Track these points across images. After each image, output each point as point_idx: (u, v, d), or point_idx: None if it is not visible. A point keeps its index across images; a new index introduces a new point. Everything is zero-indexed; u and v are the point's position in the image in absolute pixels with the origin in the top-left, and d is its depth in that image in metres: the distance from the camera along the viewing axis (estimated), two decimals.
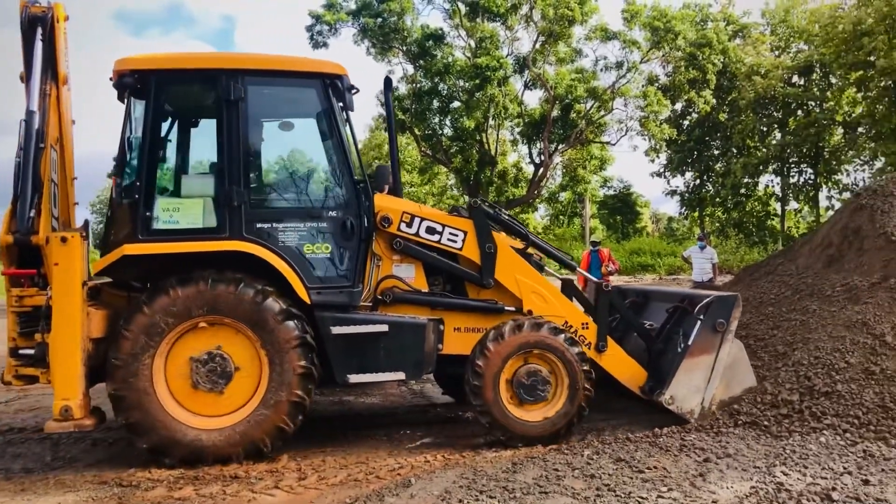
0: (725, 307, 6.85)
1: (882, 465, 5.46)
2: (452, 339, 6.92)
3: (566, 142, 34.14)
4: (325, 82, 6.55)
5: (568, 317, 7.16)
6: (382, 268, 6.82)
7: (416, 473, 5.74)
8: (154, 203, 6.21)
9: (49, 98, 6.41)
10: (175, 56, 6.56)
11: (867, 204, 8.88)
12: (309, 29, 32.70)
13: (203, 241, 6.14)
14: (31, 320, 6.03)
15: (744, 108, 34.80)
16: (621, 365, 7.23)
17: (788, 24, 35.83)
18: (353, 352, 6.44)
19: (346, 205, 6.58)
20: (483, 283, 7.00)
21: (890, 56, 26.12)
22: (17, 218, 6.05)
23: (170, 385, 6.07)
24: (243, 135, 6.31)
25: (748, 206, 39.06)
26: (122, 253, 6.01)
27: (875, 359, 6.72)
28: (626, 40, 32.02)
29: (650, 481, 5.31)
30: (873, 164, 32.43)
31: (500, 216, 7.32)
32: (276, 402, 6.11)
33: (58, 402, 5.71)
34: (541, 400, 6.67)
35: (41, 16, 6.41)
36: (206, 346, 6.11)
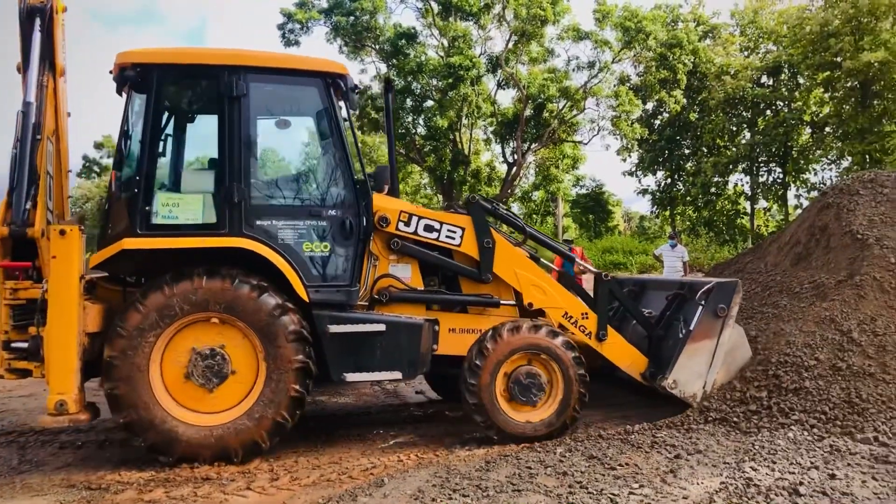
0: (726, 293, 6.99)
1: (848, 460, 5.56)
2: (447, 340, 6.96)
3: (539, 141, 34.24)
4: (326, 81, 6.59)
5: (567, 307, 7.24)
6: (379, 267, 6.86)
7: (390, 473, 5.74)
8: (153, 198, 6.18)
9: (46, 90, 6.36)
10: (178, 51, 6.54)
11: (833, 202, 9.02)
12: (281, 27, 32.46)
13: (203, 237, 6.13)
14: (25, 313, 5.96)
15: (714, 108, 35.15)
16: (621, 352, 7.34)
17: (757, 24, 36.24)
18: (350, 350, 6.46)
19: (345, 204, 6.60)
20: (482, 277, 7.06)
21: (856, 57, 26.52)
22: (13, 210, 5.99)
23: (164, 372, 6.03)
24: (244, 131, 6.31)
25: (718, 204, 39.44)
26: (122, 247, 5.97)
27: (842, 355, 6.82)
28: (597, 40, 32.17)
29: (622, 478, 5.35)
30: (840, 163, 32.97)
31: (497, 210, 7.40)
32: (271, 399, 6.09)
33: (53, 396, 5.65)
34: (534, 402, 6.72)
35: (40, 7, 6.36)
36: (212, 341, 6.10)
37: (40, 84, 6.30)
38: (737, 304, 7.03)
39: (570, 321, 7.20)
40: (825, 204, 9.19)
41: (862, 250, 7.98)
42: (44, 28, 6.39)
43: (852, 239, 8.24)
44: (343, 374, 6.45)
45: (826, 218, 8.96)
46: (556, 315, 7.21)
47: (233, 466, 6.02)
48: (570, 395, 6.75)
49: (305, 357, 6.15)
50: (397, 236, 6.85)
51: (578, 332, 7.22)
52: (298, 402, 6.19)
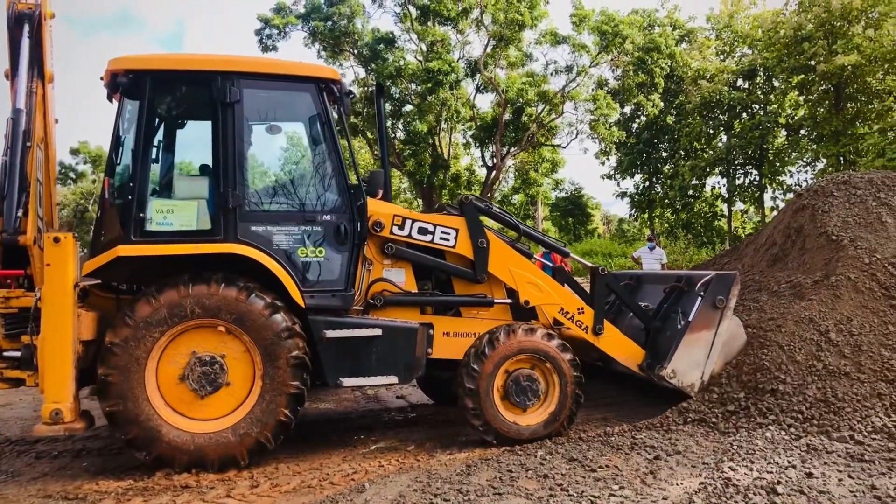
0: (725, 284, 7.09)
1: (825, 458, 5.62)
2: (442, 344, 6.96)
3: (518, 145, 34.35)
4: (319, 87, 6.58)
5: (563, 303, 7.27)
6: (373, 271, 6.84)
7: (370, 478, 5.72)
8: (147, 204, 6.14)
9: (35, 96, 6.31)
10: (171, 57, 6.51)
11: (808, 204, 9.12)
12: (258, 33, 32.38)
13: (198, 244, 6.09)
14: (17, 322, 5.89)
15: (691, 112, 35.45)
16: (618, 345, 7.41)
17: (732, 29, 36.60)
18: (346, 355, 6.46)
19: (339, 209, 6.60)
20: (477, 277, 7.07)
21: (829, 60, 26.86)
22: (4, 218, 5.94)
23: (160, 370, 5.99)
24: (238, 137, 6.28)
25: (696, 207, 39.76)
26: (117, 254, 5.91)
27: (819, 354, 6.90)
28: (575, 44, 32.36)
29: (602, 480, 5.37)
30: (815, 165, 33.35)
31: (491, 209, 7.41)
32: (259, 418, 6.07)
33: (48, 405, 5.58)
34: (531, 404, 6.76)
35: (28, 13, 6.33)
36: (214, 349, 6.08)
37: (30, 91, 6.27)
38: (735, 295, 7.14)
39: (566, 316, 7.24)
40: (800, 206, 9.29)
41: (837, 251, 8.08)
42: (32, 34, 6.36)
43: (827, 240, 8.34)
44: (339, 379, 6.45)
45: (801, 219, 9.06)
46: (553, 311, 7.24)
47: (212, 474, 5.97)
48: (566, 396, 6.79)
49: (301, 384, 6.16)
50: (391, 240, 6.84)
51: (575, 326, 7.27)
52: (285, 427, 6.17)
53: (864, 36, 26.64)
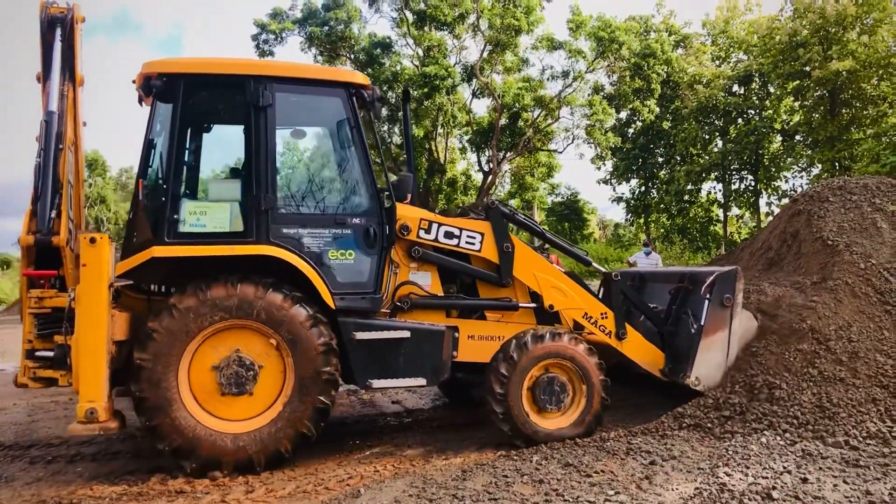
0: (729, 282, 7.15)
1: (820, 464, 5.62)
2: (466, 347, 7.03)
3: (514, 150, 34.39)
4: (349, 91, 6.68)
5: (587, 308, 7.38)
6: (399, 274, 6.92)
7: (366, 483, 5.72)
8: (181, 206, 6.21)
9: (67, 99, 6.40)
10: (204, 61, 6.58)
11: (804, 209, 9.14)
12: (255, 38, 32.40)
13: (231, 245, 6.17)
14: (50, 322, 5.94)
15: (686, 117, 35.51)
16: (641, 350, 7.49)
17: (728, 34, 36.68)
18: (375, 357, 6.55)
19: (369, 212, 6.69)
20: (502, 282, 7.16)
21: (824, 66, 26.94)
22: (38, 219, 6.01)
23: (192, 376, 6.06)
24: (270, 141, 6.36)
25: (691, 212, 39.80)
26: (152, 254, 5.99)
27: (815, 360, 6.90)
28: (571, 50, 32.42)
29: (598, 485, 5.37)
30: (810, 170, 33.39)
31: (516, 216, 7.49)
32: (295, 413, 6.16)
33: (83, 404, 5.61)
34: (559, 408, 6.85)
35: (61, 17, 6.44)
36: (251, 352, 6.16)
37: (62, 93, 6.36)
38: (741, 290, 7.20)
39: (590, 321, 7.35)
40: (796, 211, 9.31)
41: (832, 256, 8.09)
42: (65, 38, 6.47)
43: (822, 245, 8.36)
44: (369, 381, 6.55)
45: (797, 224, 9.08)
46: (577, 315, 7.35)
47: (207, 479, 5.95)
48: (592, 399, 6.89)
49: (329, 400, 6.25)
50: (418, 244, 6.93)
51: (598, 331, 7.36)
52: (305, 439, 6.25)
53: (859, 42, 26.73)
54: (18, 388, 6.11)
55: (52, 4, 6.49)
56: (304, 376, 6.15)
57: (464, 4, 30.91)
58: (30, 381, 5.99)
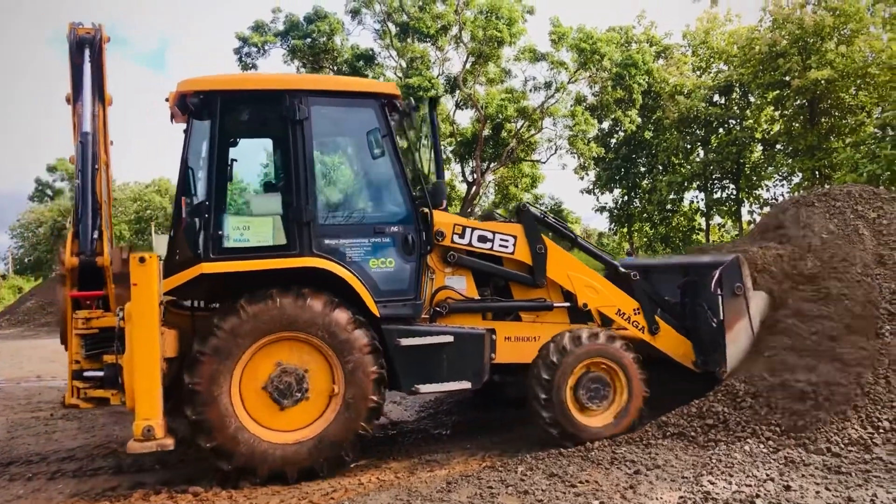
0: (735, 271, 7.29)
1: (802, 471, 5.65)
2: (504, 348, 7.18)
3: (498, 160, 34.48)
4: (381, 102, 6.82)
5: (620, 305, 7.55)
6: (436, 280, 7.06)
7: (350, 496, 5.69)
8: (224, 222, 6.29)
9: (98, 120, 6.48)
10: (240, 77, 6.81)
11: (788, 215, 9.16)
12: (237, 51, 32.35)
13: (277, 258, 6.26)
14: (96, 342, 6.01)
15: (668, 127, 35.71)
16: (674, 343, 7.65)
17: (708, 45, 36.94)
18: (420, 362, 6.67)
19: (406, 220, 6.81)
20: (537, 283, 7.31)
21: (804, 76, 27.21)
22: (81, 240, 6.10)
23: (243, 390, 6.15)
24: (308, 154, 6.48)
25: (674, 221, 39.98)
26: (201, 270, 6.07)
27: (796, 367, 6.92)
28: (553, 61, 32.59)
29: (582, 495, 5.38)
30: (791, 179, 33.67)
31: (546, 219, 7.67)
32: (349, 417, 6.29)
33: (139, 422, 5.61)
34: (601, 406, 7.01)
35: (89, 38, 6.57)
36: (298, 361, 6.26)
37: (93, 114, 6.43)
38: (748, 275, 7.36)
39: (623, 317, 7.51)
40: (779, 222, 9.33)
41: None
42: (94, 59, 6.57)
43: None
44: (415, 386, 6.66)
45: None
46: (610, 312, 7.51)
47: (190, 494, 5.91)
48: (633, 395, 7.07)
49: (380, 399, 6.41)
50: (453, 249, 7.07)
51: (632, 327, 7.53)
52: (363, 439, 6.43)
53: (837, 52, 27.04)
54: (68, 408, 6.13)
55: (79, 26, 6.61)
56: (354, 378, 6.26)
57: (446, 16, 31.06)
58: (80, 401, 6.04)
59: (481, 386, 7.01)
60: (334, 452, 6.26)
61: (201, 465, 6.77)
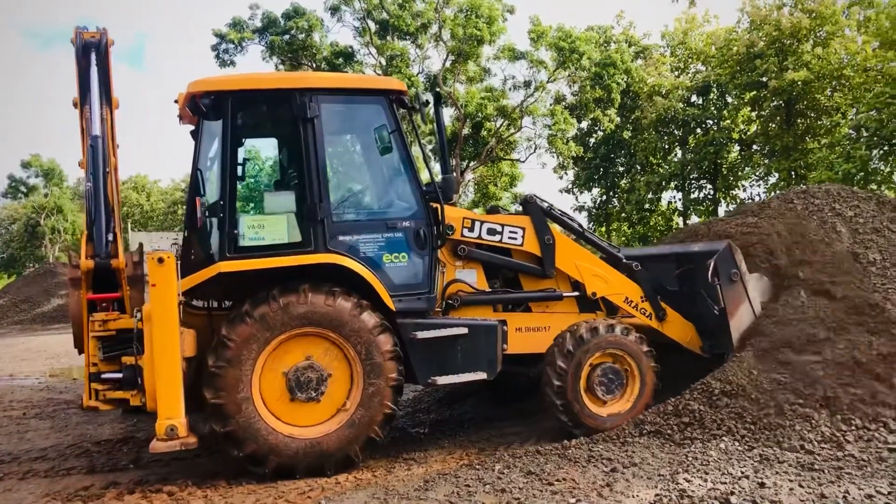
0: (729, 259, 7.36)
1: (776, 468, 5.70)
2: (516, 339, 7.22)
3: (477, 159, 34.57)
4: (389, 98, 6.85)
5: (628, 293, 7.65)
6: (447, 274, 7.10)
7: (327, 495, 5.66)
8: (239, 221, 6.30)
9: (106, 123, 6.51)
10: (250, 77, 6.83)
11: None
12: (215, 48, 32.12)
13: (294, 256, 6.26)
14: (116, 344, 5.99)
15: (646, 127, 35.98)
16: (682, 329, 7.76)
17: (687, 46, 37.27)
18: (436, 355, 6.72)
19: (418, 215, 6.86)
20: (546, 273, 7.39)
21: (780, 77, 27.52)
22: (95, 243, 6.11)
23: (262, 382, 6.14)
24: (320, 151, 6.48)
25: (652, 220, 40.31)
26: (219, 269, 6.06)
27: (771, 365, 6.98)
28: (533, 60, 32.73)
29: (559, 493, 5.38)
30: (767, 179, 34.10)
31: (553, 211, 7.68)
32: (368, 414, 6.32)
33: (162, 421, 5.59)
34: (614, 396, 7.13)
35: (94, 42, 6.59)
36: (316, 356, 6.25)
37: (101, 118, 6.44)
38: (741, 260, 7.43)
39: (631, 305, 7.62)
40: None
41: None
42: (100, 63, 6.58)
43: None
44: (432, 378, 6.72)
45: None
46: (618, 300, 7.60)
47: (164, 493, 5.85)
48: (645, 385, 7.20)
49: (399, 375, 6.42)
50: (463, 242, 7.12)
51: (640, 314, 7.63)
52: (391, 419, 6.45)
53: (813, 54, 27.38)
54: (86, 411, 6.08)
55: (84, 30, 6.60)
56: (373, 382, 6.27)
57: (426, 14, 31.06)
58: (100, 403, 6.02)
59: (496, 376, 7.04)
60: (343, 453, 6.25)
61: (176, 464, 6.72)
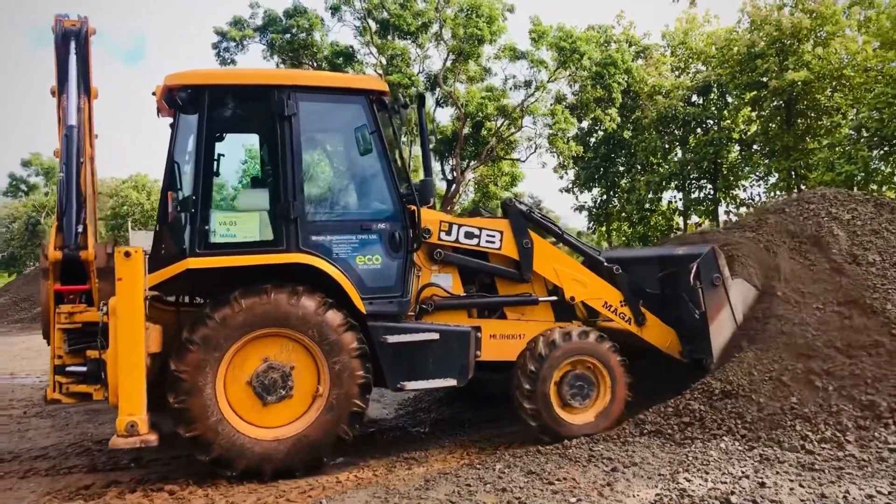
0: (711, 263, 7.34)
1: (777, 468, 5.71)
2: (489, 346, 7.18)
3: (478, 158, 34.51)
4: (370, 98, 6.77)
5: (606, 297, 7.59)
6: (422, 277, 7.05)
7: (328, 494, 5.67)
8: (210, 217, 6.23)
9: (83, 113, 6.41)
10: (228, 72, 6.72)
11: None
12: (215, 46, 32.08)
13: (264, 254, 6.20)
14: (81, 337, 5.93)
15: (647, 127, 35.92)
16: (661, 334, 7.70)
17: (687, 46, 37.20)
18: (406, 360, 6.66)
19: (394, 217, 6.79)
20: (523, 277, 7.32)
21: (781, 77, 27.48)
22: (65, 233, 6.03)
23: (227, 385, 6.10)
24: (297, 150, 6.41)
25: (652, 220, 40.21)
26: (187, 266, 6.01)
27: (771, 365, 6.99)
28: (533, 60, 32.66)
29: (560, 493, 5.39)
30: (768, 179, 34.04)
31: (532, 214, 7.62)
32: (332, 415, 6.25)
33: (123, 417, 5.55)
34: (585, 404, 7.06)
35: (74, 30, 6.49)
36: (281, 357, 6.20)
37: (78, 107, 6.36)
38: (724, 265, 7.40)
39: (610, 310, 7.57)
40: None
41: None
42: (79, 51, 6.49)
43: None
44: (401, 383, 6.66)
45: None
46: (597, 305, 7.56)
47: (166, 492, 5.86)
48: (616, 396, 7.13)
49: (367, 373, 6.36)
50: (440, 246, 7.06)
51: (619, 319, 7.58)
52: (359, 417, 6.39)
53: (814, 54, 27.34)
54: (49, 404, 6.04)
55: (65, 18, 6.52)
56: (340, 381, 6.22)
57: (427, 14, 31.00)
58: (63, 396, 5.96)
59: (466, 383, 7.01)
60: (312, 454, 6.22)
61: (177, 463, 6.73)
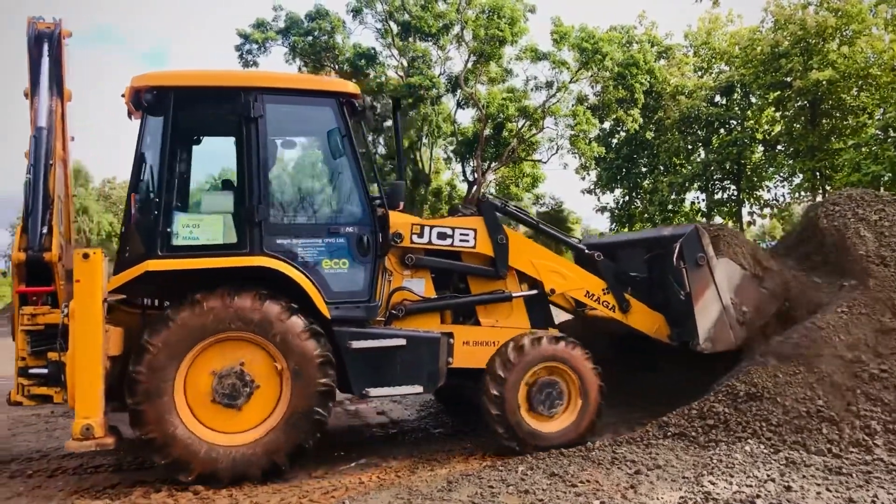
0: (695, 242, 7.24)
1: (803, 472, 5.65)
2: (462, 353, 7.04)
3: (499, 160, 34.48)
4: (339, 101, 6.69)
5: (588, 286, 7.50)
6: (393, 282, 6.94)
7: (350, 495, 5.69)
8: (173, 219, 6.17)
9: (55, 115, 6.41)
10: (193, 73, 6.59)
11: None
12: (238, 48, 32.31)
13: (226, 257, 6.15)
14: (43, 339, 5.92)
15: (669, 127, 35.72)
16: (647, 319, 7.61)
17: (710, 46, 36.97)
18: (372, 366, 6.56)
19: (362, 221, 6.70)
20: (499, 274, 7.21)
21: (805, 76, 27.23)
22: (30, 235, 6.00)
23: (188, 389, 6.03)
24: (262, 152, 6.35)
25: (675, 221, 39.86)
26: (146, 268, 5.96)
27: (797, 368, 6.92)
28: (555, 61, 32.55)
29: (583, 495, 5.37)
30: (792, 180, 33.72)
31: (507, 207, 7.55)
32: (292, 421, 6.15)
33: (79, 420, 5.54)
34: (555, 412, 6.92)
35: (48, 32, 6.48)
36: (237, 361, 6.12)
37: (50, 109, 6.36)
38: (708, 244, 7.28)
39: (592, 299, 7.48)
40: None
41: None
42: (52, 53, 6.48)
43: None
44: (365, 389, 6.56)
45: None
46: (579, 295, 7.46)
47: (190, 492, 5.90)
48: (588, 404, 6.98)
49: (330, 381, 6.23)
50: (411, 251, 6.97)
51: (602, 307, 7.50)
52: (319, 424, 6.26)
53: (839, 53, 27.06)
54: (12, 406, 6.07)
55: (39, 20, 6.51)
56: (302, 388, 6.13)
57: (448, 15, 31.03)
58: (24, 398, 5.96)
59: (435, 390, 6.92)
60: (271, 461, 6.10)
61: None
